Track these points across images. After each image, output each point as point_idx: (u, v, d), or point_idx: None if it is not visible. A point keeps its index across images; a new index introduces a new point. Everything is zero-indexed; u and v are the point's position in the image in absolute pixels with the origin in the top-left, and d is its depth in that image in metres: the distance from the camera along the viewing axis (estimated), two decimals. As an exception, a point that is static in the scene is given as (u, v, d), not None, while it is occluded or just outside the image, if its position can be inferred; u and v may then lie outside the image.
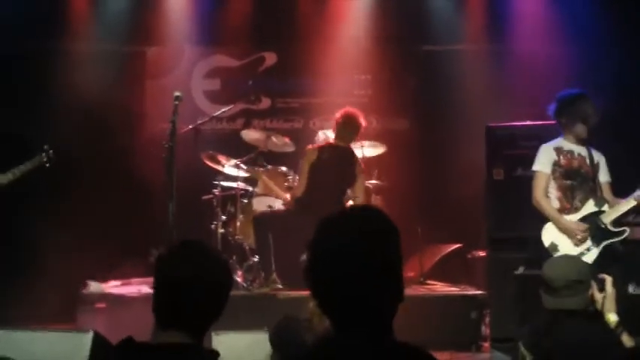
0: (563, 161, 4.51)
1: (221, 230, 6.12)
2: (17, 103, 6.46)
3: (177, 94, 4.78)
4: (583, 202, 4.45)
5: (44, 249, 6.13)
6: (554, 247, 4.41)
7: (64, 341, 3.57)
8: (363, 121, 5.86)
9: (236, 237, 6.06)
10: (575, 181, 4.49)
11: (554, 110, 4.53)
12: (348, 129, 5.80)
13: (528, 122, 5.46)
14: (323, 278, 1.71)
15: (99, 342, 3.57)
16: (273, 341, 3.68)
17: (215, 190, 6.22)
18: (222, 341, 3.69)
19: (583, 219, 4.40)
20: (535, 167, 4.56)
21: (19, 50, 6.43)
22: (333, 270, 1.69)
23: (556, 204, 4.50)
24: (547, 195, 4.51)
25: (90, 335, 3.55)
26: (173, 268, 2.06)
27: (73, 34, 6.98)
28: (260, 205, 6.06)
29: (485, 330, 5.40)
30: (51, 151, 5.16)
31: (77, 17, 7.01)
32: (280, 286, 5.66)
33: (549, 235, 4.45)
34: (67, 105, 6.57)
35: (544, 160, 4.53)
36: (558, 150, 4.54)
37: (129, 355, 1.99)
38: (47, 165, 5.11)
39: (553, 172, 4.51)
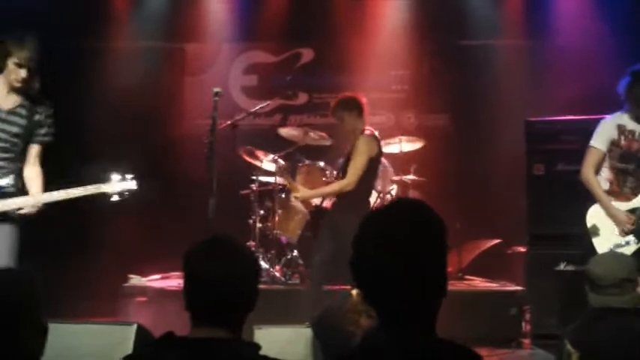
0: (623, 142, 4.32)
1: (259, 225, 6.16)
2: (59, 100, 6.56)
3: (216, 90, 4.81)
4: (635, 192, 4.29)
5: (85, 242, 6.25)
6: (594, 230, 4.29)
7: (108, 333, 3.64)
8: None
9: (274, 231, 6.09)
10: (631, 165, 4.31)
11: (626, 84, 4.28)
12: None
13: (569, 117, 5.40)
14: (369, 271, 1.71)
15: (142, 334, 3.63)
16: (316, 331, 3.70)
17: (253, 185, 6.26)
18: (263, 335, 3.72)
19: (632, 210, 4.27)
20: (592, 142, 4.37)
21: (62, 49, 6.51)
22: (379, 263, 1.69)
23: (605, 185, 4.34)
24: (599, 173, 4.35)
25: (134, 327, 3.61)
26: (201, 266, 2.06)
27: (114, 32, 7.09)
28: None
29: (525, 326, 5.36)
30: (131, 181, 4.10)
31: (118, 16, 7.12)
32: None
33: (593, 217, 4.31)
34: (109, 102, 6.67)
35: (602, 137, 4.33)
36: (621, 129, 4.32)
37: (170, 349, 2.01)
38: (117, 198, 4.12)
39: (609, 151, 4.34)
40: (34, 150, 4.10)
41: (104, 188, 4.06)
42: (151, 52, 7.23)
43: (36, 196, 3.96)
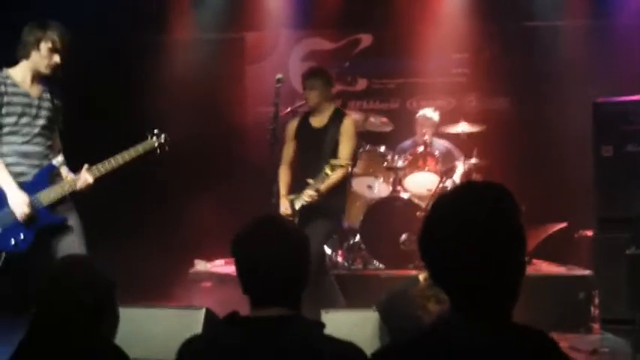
0: None
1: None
2: (123, 94, 6.69)
3: (279, 76, 4.85)
4: None
5: (151, 227, 6.37)
6: None
7: (178, 317, 3.73)
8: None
9: (336, 217, 6.10)
10: None
11: None
12: None
13: (638, 97, 5.23)
14: (444, 254, 1.67)
15: (211, 318, 3.70)
16: (383, 316, 3.70)
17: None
18: (330, 319, 3.74)
19: None
20: None
21: (125, 43, 6.65)
22: (456, 246, 1.65)
23: None
24: None
25: (203, 311, 3.69)
26: (251, 247, 2.08)
27: (176, 24, 7.19)
28: (360, 185, 6.09)
29: (594, 311, 5.25)
30: (163, 135, 4.33)
31: (180, 8, 7.21)
32: (382, 266, 5.69)
33: None
34: (171, 92, 6.77)
35: None
36: None
37: (234, 328, 2.04)
38: (159, 151, 4.32)
39: None
40: (57, 138, 4.19)
41: (144, 146, 4.19)
42: (211, 41, 7.31)
43: (88, 171, 4.03)
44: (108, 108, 6.54)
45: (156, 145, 4.25)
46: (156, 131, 4.29)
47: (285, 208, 4.99)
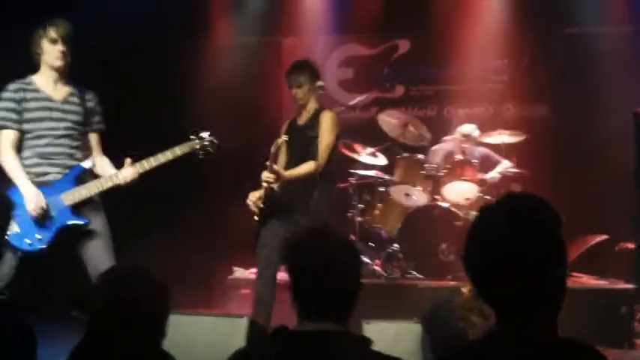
0: None
1: (358, 218, 6.17)
2: (162, 96, 6.73)
3: (319, 83, 4.82)
4: None
5: (190, 233, 6.40)
6: None
7: (220, 325, 3.73)
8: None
9: (374, 225, 6.08)
10: None
11: None
12: None
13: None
14: (489, 268, 1.67)
15: (253, 327, 3.70)
16: (425, 327, 3.67)
17: (351, 179, 6.27)
18: (371, 330, 3.72)
19: None
20: None
21: (166, 46, 6.69)
22: (501, 259, 1.65)
23: None
24: None
25: (245, 320, 3.69)
26: (305, 258, 2.05)
27: (214, 27, 7.22)
28: (397, 193, 6.05)
29: (637, 326, 5.15)
30: (208, 137, 4.22)
31: (218, 12, 7.24)
32: (420, 276, 5.65)
33: None
34: (210, 95, 6.80)
35: None
36: None
37: (282, 342, 2.03)
38: (202, 153, 4.21)
39: None
40: (94, 139, 4.20)
41: (187, 147, 4.15)
42: (249, 46, 7.33)
43: (132, 166, 4.04)
44: (145, 110, 6.57)
45: (197, 146, 4.20)
46: (203, 134, 4.23)
47: (251, 201, 4.68)
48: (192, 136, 4.21)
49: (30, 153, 4.01)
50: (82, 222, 3.96)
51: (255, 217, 4.68)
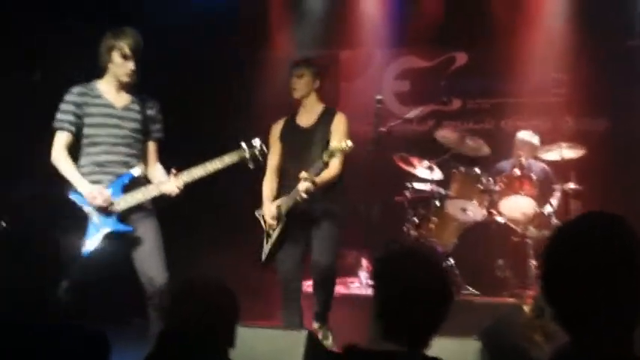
0: None
1: (413, 232, 6.14)
2: (222, 109, 6.82)
3: (378, 97, 4.84)
4: None
5: (247, 245, 6.44)
6: None
7: (279, 338, 3.75)
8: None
9: (429, 240, 6.05)
10: None
11: None
12: None
13: None
14: (569, 290, 1.66)
15: (313, 341, 3.71)
16: (486, 345, 3.64)
17: (406, 192, 6.25)
18: (431, 346, 3.69)
19: None
20: None
21: (227, 59, 6.79)
22: (583, 282, 1.64)
23: None
24: None
25: (304, 334, 3.70)
26: (394, 278, 2.07)
27: (273, 41, 7.30)
28: (453, 207, 6.01)
29: None
30: (259, 144, 4.23)
31: (277, 25, 7.31)
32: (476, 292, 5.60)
33: None
34: (267, 108, 6.86)
35: None
36: None
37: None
38: (252, 162, 4.21)
39: None
40: (152, 147, 4.24)
41: (236, 156, 4.16)
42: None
43: (175, 177, 4.07)
44: (205, 122, 6.67)
45: (247, 155, 4.19)
46: (254, 142, 4.23)
47: (269, 212, 4.53)
48: (242, 144, 4.21)
49: (85, 161, 4.09)
50: (126, 229, 4.02)
51: (271, 232, 4.57)
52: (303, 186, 4.31)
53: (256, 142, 4.23)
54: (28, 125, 4.57)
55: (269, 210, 4.55)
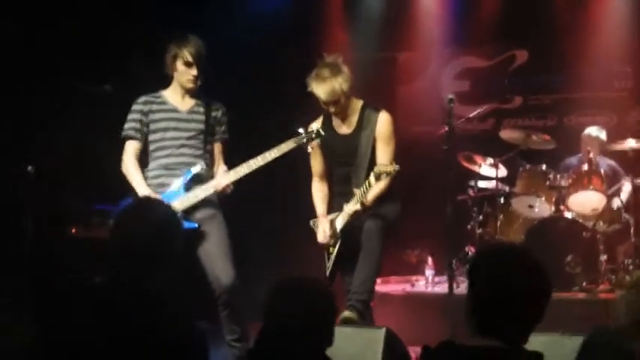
0: None
1: (479, 230, 6.11)
2: (278, 113, 6.87)
3: (450, 96, 4.73)
4: None
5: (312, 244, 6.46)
6: None
7: (359, 336, 3.74)
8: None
9: (496, 237, 6.00)
10: None
11: None
12: None
13: None
14: None
15: (391, 338, 3.70)
16: (586, 345, 3.56)
17: (470, 191, 6.22)
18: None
19: None
20: None
21: (285, 64, 6.84)
22: None
23: None
24: None
25: (383, 331, 3.70)
26: (488, 274, 2.07)
27: (330, 45, 7.32)
28: (520, 204, 5.96)
29: None
30: (317, 129, 4.18)
31: (334, 29, 7.35)
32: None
33: None
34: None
35: None
36: None
37: (451, 357, 2.04)
38: (310, 146, 4.18)
39: None
40: (218, 148, 4.30)
41: (292, 142, 4.13)
42: (364, 62, 7.38)
43: (225, 174, 4.11)
44: (261, 125, 6.71)
45: (304, 140, 4.13)
46: (312, 126, 4.22)
47: (323, 231, 4.36)
48: (299, 130, 4.18)
49: (154, 165, 4.20)
50: (190, 226, 4.06)
51: (331, 249, 4.43)
52: (350, 210, 4.22)
53: (313, 125, 4.26)
54: (103, 136, 4.69)
55: (324, 230, 4.40)
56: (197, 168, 4.17)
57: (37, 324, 2.32)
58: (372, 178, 4.06)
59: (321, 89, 4.21)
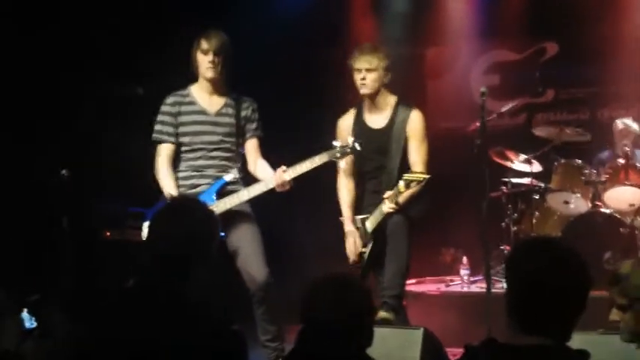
0: None
1: (513, 228, 6.01)
2: (305, 107, 6.84)
3: (482, 90, 4.66)
4: None
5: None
6: None
7: (396, 336, 3.70)
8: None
9: (531, 234, 5.89)
10: None
11: None
12: None
13: None
14: None
15: (429, 338, 3.65)
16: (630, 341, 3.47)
17: (503, 188, 6.12)
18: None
19: None
20: None
21: (311, 60, 6.81)
22: None
23: None
24: None
25: (421, 331, 3.65)
26: (526, 268, 2.00)
27: (357, 40, 7.26)
28: (555, 200, 5.85)
29: None
30: (352, 142, 4.07)
31: (361, 24, 7.30)
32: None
33: None
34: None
35: None
36: None
37: (495, 355, 1.98)
38: (340, 159, 4.10)
39: None
40: (252, 145, 4.26)
41: (326, 156, 4.08)
42: (392, 57, 7.31)
43: (284, 172, 4.04)
44: (288, 120, 6.67)
45: (338, 155, 4.09)
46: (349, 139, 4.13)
47: (352, 246, 4.33)
48: (334, 144, 4.13)
49: (184, 166, 4.19)
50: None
51: (363, 249, 4.38)
52: (386, 208, 4.15)
53: (350, 139, 4.13)
54: (136, 138, 4.70)
55: (353, 237, 4.37)
56: (230, 176, 4.17)
57: (72, 325, 2.32)
58: (401, 184, 4.01)
59: (362, 56, 4.25)
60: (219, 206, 4.08)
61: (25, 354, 3.14)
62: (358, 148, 4.08)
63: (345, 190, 4.48)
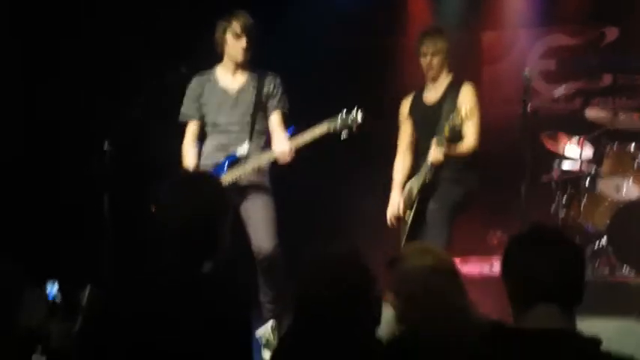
0: None
1: (562, 214, 5.94)
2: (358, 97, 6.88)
3: (525, 73, 4.67)
4: None
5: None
6: None
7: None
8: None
9: (578, 220, 5.83)
10: None
11: None
12: None
13: None
14: None
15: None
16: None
17: (553, 173, 6.06)
18: (586, 327, 3.57)
19: None
20: None
21: (364, 47, 6.85)
22: None
23: None
24: None
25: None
26: (524, 255, 2.03)
27: (412, 26, 7.28)
28: (606, 186, 5.76)
29: None
30: (356, 113, 4.13)
31: (416, 10, 7.29)
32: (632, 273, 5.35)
33: None
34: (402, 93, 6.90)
35: None
36: None
37: (502, 340, 1.99)
38: (344, 133, 4.18)
39: None
40: (275, 120, 4.34)
41: (325, 126, 4.16)
42: (449, 42, 7.28)
43: (281, 144, 4.18)
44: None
45: (337, 126, 4.16)
46: (353, 111, 4.19)
47: (396, 201, 4.45)
48: (341, 114, 4.19)
49: (209, 144, 4.38)
50: None
51: (406, 218, 4.45)
52: (432, 154, 4.26)
53: (353, 112, 4.19)
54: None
55: (397, 199, 4.51)
56: (241, 150, 4.29)
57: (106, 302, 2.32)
58: (446, 127, 4.14)
59: (427, 39, 4.47)
60: (228, 176, 4.21)
61: (49, 333, 3.11)
62: (359, 120, 4.15)
63: (401, 162, 4.66)
